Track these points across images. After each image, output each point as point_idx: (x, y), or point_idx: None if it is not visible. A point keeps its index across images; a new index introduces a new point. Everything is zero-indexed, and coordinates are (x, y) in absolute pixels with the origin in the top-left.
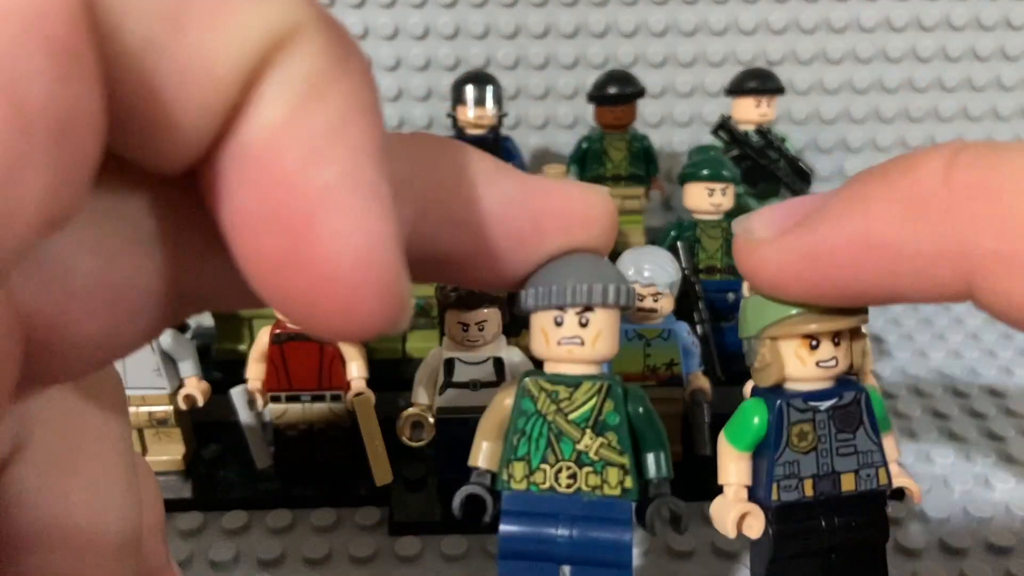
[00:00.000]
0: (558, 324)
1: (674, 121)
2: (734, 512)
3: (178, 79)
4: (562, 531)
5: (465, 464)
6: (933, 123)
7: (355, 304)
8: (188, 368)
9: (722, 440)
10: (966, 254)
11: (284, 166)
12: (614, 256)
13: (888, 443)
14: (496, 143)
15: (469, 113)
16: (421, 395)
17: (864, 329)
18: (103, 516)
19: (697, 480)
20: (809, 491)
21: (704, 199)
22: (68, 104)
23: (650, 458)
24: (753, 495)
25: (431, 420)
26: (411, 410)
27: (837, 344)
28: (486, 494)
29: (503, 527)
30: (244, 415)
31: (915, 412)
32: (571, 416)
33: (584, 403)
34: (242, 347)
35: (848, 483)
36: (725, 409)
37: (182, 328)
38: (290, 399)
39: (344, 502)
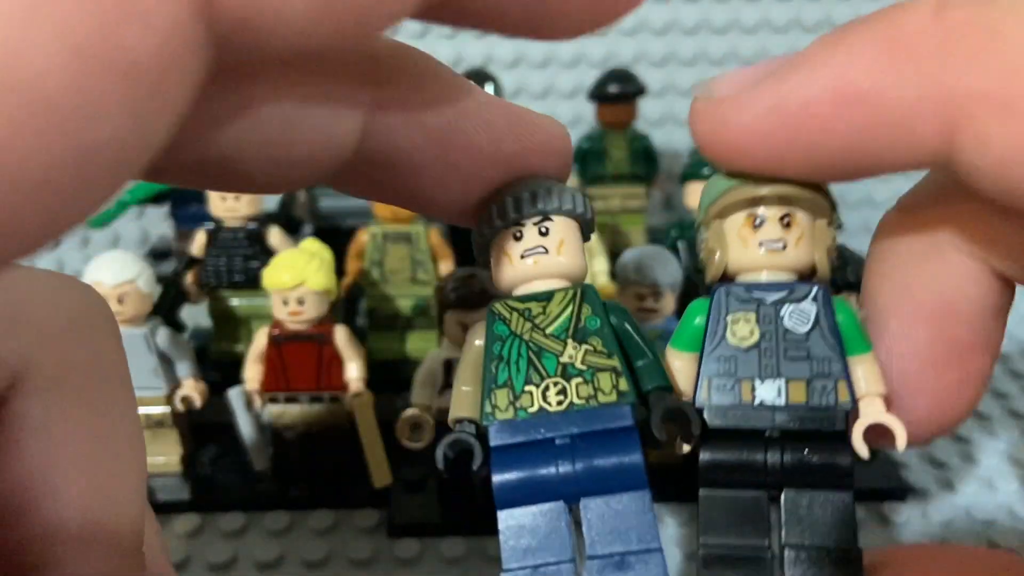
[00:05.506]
0: (517, 239)
1: (675, 120)
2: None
3: None
4: (563, 468)
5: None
6: None
7: None
8: (185, 369)
9: (668, 348)
10: (952, 98)
11: None
12: (614, 256)
13: (865, 367)
14: None
15: None
16: (420, 396)
17: (833, 231)
18: (117, 500)
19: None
20: (747, 395)
21: None
22: (136, 136)
23: (641, 367)
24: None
25: (431, 422)
26: (410, 411)
27: (787, 226)
28: (472, 439)
29: (495, 477)
30: (241, 416)
31: None
32: (549, 330)
33: (560, 313)
34: (239, 347)
35: (797, 393)
36: None
37: (179, 328)
38: (288, 400)
39: (343, 504)
